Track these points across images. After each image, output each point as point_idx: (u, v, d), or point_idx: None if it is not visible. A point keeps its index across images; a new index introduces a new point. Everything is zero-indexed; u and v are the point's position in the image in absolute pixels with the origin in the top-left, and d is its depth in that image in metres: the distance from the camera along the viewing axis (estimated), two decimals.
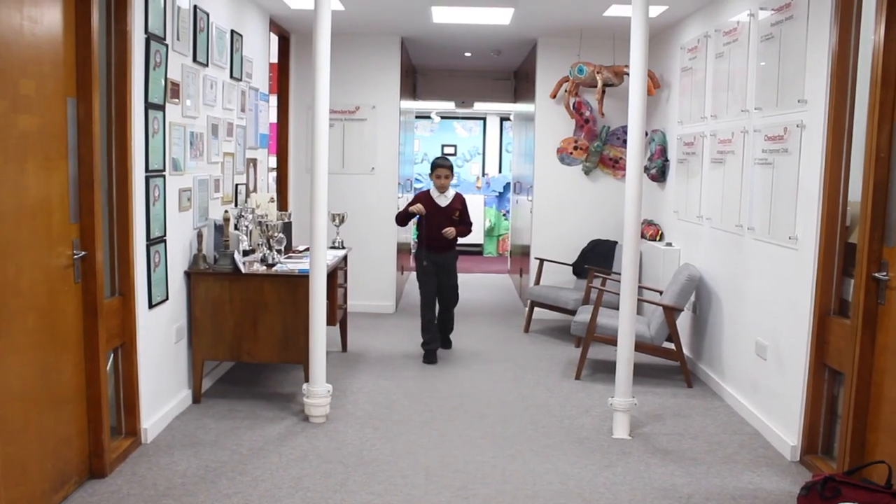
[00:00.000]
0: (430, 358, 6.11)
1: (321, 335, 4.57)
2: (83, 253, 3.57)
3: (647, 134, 7.10)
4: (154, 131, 4.23)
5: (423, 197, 6.16)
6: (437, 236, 6.04)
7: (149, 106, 4.16)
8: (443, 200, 6.13)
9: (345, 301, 6.35)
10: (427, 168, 13.61)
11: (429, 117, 14.31)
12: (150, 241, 4.26)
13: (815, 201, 4.13)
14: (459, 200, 6.22)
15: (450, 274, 6.27)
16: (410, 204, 6.11)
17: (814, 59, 4.19)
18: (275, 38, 7.24)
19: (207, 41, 5.04)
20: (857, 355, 3.66)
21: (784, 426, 4.40)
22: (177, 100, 4.56)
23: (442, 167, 6.12)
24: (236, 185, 5.83)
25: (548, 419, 4.78)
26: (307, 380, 4.67)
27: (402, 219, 6.23)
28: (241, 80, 5.81)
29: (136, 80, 4.01)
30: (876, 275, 3.59)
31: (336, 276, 5.85)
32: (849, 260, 4.00)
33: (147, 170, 4.17)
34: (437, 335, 6.20)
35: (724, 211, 5.42)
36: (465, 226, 6.18)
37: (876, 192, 3.58)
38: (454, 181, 6.44)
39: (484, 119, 15.00)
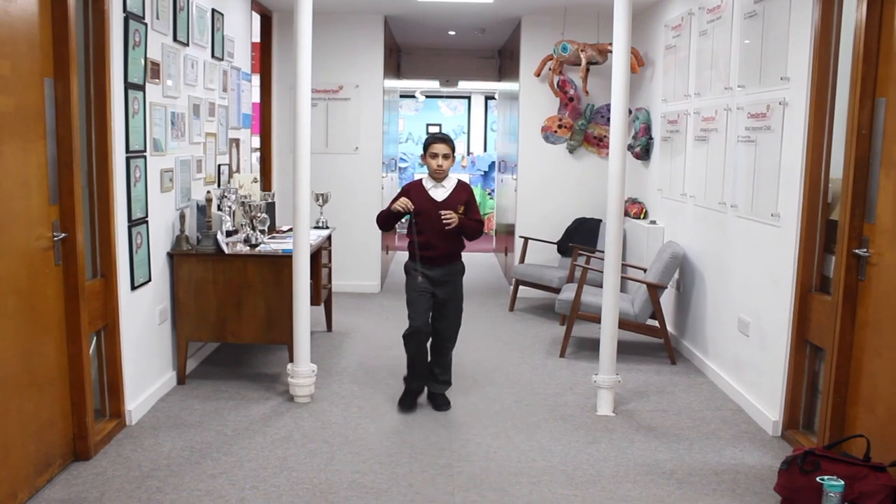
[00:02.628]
0: (406, 402, 4.57)
1: (305, 315, 4.57)
2: (63, 235, 3.55)
3: (631, 112, 7.10)
4: (134, 112, 4.19)
5: (414, 189, 4.54)
6: (434, 242, 4.45)
7: (128, 86, 4.12)
8: (440, 192, 4.49)
9: (329, 281, 6.34)
10: (413, 148, 13.31)
11: (413, 96, 14.26)
12: (132, 223, 4.23)
13: (797, 178, 4.15)
14: (465, 190, 4.57)
15: (452, 296, 4.56)
16: (395, 199, 4.51)
17: (796, 36, 4.19)
18: (257, 17, 7.18)
19: (188, 20, 4.98)
20: (837, 331, 3.69)
21: (766, 402, 4.44)
22: (157, 80, 4.52)
23: (439, 142, 4.50)
24: (219, 166, 5.79)
25: (532, 397, 4.80)
26: (291, 360, 4.68)
27: (385, 220, 4.55)
28: (222, 59, 5.76)
29: (115, 59, 3.97)
30: (857, 251, 3.61)
31: (320, 256, 5.84)
32: (830, 237, 4.02)
33: (127, 150, 4.13)
34: (423, 372, 4.62)
35: (708, 189, 5.43)
36: (474, 222, 4.52)
37: (857, 169, 3.59)
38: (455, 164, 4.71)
39: (469, 98, 14.96)
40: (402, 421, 4.32)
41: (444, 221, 4.36)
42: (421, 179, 4.60)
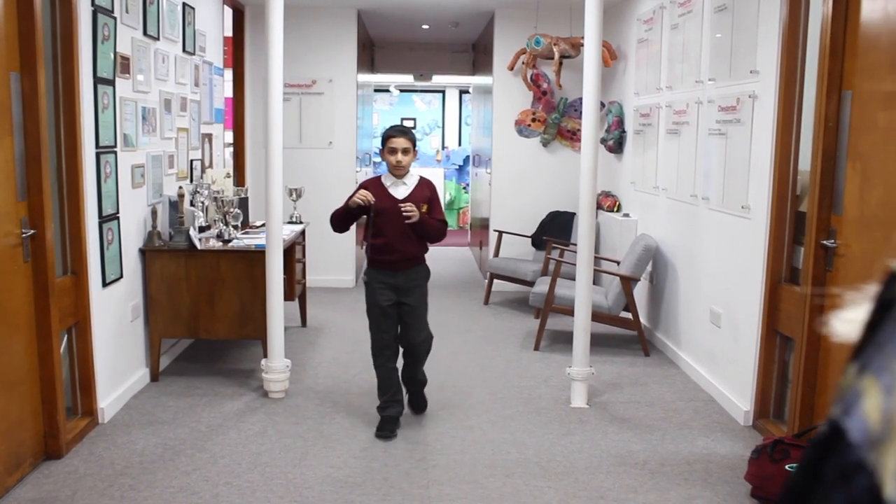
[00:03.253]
0: (386, 428, 4.06)
1: (279, 310, 4.55)
2: (32, 231, 3.51)
3: (604, 105, 7.13)
4: (104, 107, 4.16)
5: (372, 186, 4.09)
6: (396, 245, 3.99)
7: (98, 81, 4.08)
8: (401, 189, 4.06)
9: (303, 276, 6.33)
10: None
11: (388, 91, 14.23)
12: (103, 219, 4.20)
13: (766, 171, 4.19)
14: (427, 188, 4.13)
15: (416, 306, 4.12)
16: (352, 196, 4.04)
17: (765, 30, 4.23)
18: (229, 12, 7.13)
19: (158, 14, 4.94)
20: (806, 321, 3.73)
21: (737, 392, 4.49)
22: (127, 74, 4.48)
23: (397, 135, 4.04)
24: (191, 161, 5.76)
25: (507, 390, 4.82)
26: (266, 355, 4.66)
27: (340, 219, 4.11)
28: (194, 53, 5.72)
29: (84, 54, 3.93)
30: (824, 242, 3.66)
31: (294, 251, 5.82)
32: (799, 228, 4.07)
33: (97, 146, 4.10)
34: (399, 394, 4.18)
35: (680, 181, 5.48)
36: (437, 222, 4.10)
37: (825, 162, 3.64)
38: (417, 159, 4.27)
39: (443, 92, 14.95)
40: (376, 415, 4.32)
41: (405, 214, 3.89)
42: (379, 177, 4.16)
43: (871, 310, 0.36)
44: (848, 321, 0.38)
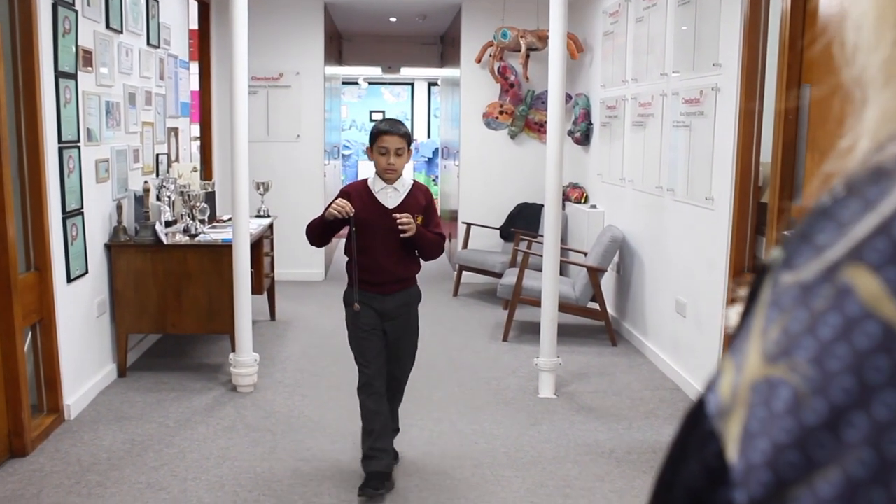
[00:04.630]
0: (370, 486, 3.30)
1: (246, 304, 4.55)
2: None
3: (571, 98, 7.18)
4: (66, 101, 4.11)
5: (357, 192, 3.41)
6: (383, 263, 3.35)
7: (59, 75, 4.04)
8: (391, 196, 3.37)
9: (272, 270, 6.31)
10: (357, 135, 13.11)
11: (356, 83, 14.19)
12: (67, 214, 4.16)
13: (729, 163, 4.25)
14: (423, 195, 3.47)
15: (406, 330, 3.49)
16: (330, 205, 3.34)
17: (727, 23, 4.28)
18: (194, 4, 7.07)
19: (121, 7, 4.89)
20: None
21: (703, 380, 4.55)
22: (90, 68, 4.43)
23: (390, 133, 3.33)
24: (157, 155, 5.71)
25: (475, 381, 4.85)
26: (234, 349, 4.65)
27: (317, 231, 3.47)
28: (158, 46, 5.67)
29: (44, 47, 3.89)
30: (786, 232, 3.72)
31: (262, 245, 5.81)
32: (761, 219, 4.13)
33: (60, 141, 4.06)
34: (388, 440, 3.45)
35: (646, 173, 5.53)
36: (435, 235, 3.44)
37: (785, 153, 3.70)
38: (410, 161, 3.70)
39: (412, 84, 14.94)
40: (345, 408, 4.33)
41: (400, 227, 3.24)
42: (366, 180, 3.47)
43: (746, 300, 0.40)
44: (737, 313, 0.42)
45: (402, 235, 3.27)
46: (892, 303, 0.32)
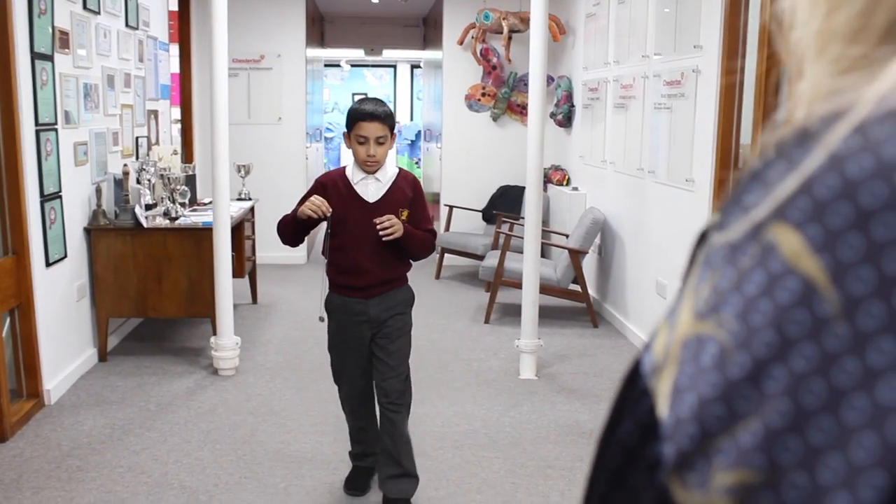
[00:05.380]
0: (354, 486, 3.25)
1: (227, 288, 4.53)
2: None
3: (553, 80, 7.17)
4: (43, 83, 4.07)
5: (333, 183, 3.01)
6: (364, 264, 2.96)
7: (35, 56, 3.99)
8: (372, 188, 3.00)
9: (253, 253, 6.29)
10: (339, 118, 12.97)
11: (339, 66, 14.12)
12: (45, 198, 4.12)
13: (709, 145, 4.27)
14: (409, 185, 3.09)
15: (393, 342, 3.07)
16: (304, 199, 2.99)
17: (708, 5, 4.29)
18: None
19: None
20: None
21: None
22: (67, 50, 4.39)
23: (370, 119, 2.91)
24: (137, 138, 5.67)
25: (456, 363, 4.87)
26: (215, 333, 4.64)
27: (289, 231, 3.08)
28: (137, 28, 5.61)
29: (19, 28, 3.84)
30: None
31: (243, 228, 5.79)
32: None
33: (37, 123, 4.02)
34: (373, 445, 3.20)
35: (627, 155, 5.54)
36: (424, 233, 3.06)
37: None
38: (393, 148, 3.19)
39: (395, 67, 14.88)
40: (326, 391, 4.32)
41: (382, 233, 2.86)
42: (343, 169, 3.07)
43: (687, 264, 0.42)
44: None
45: (384, 239, 2.88)
46: (812, 259, 0.33)
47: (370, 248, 2.95)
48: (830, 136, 0.34)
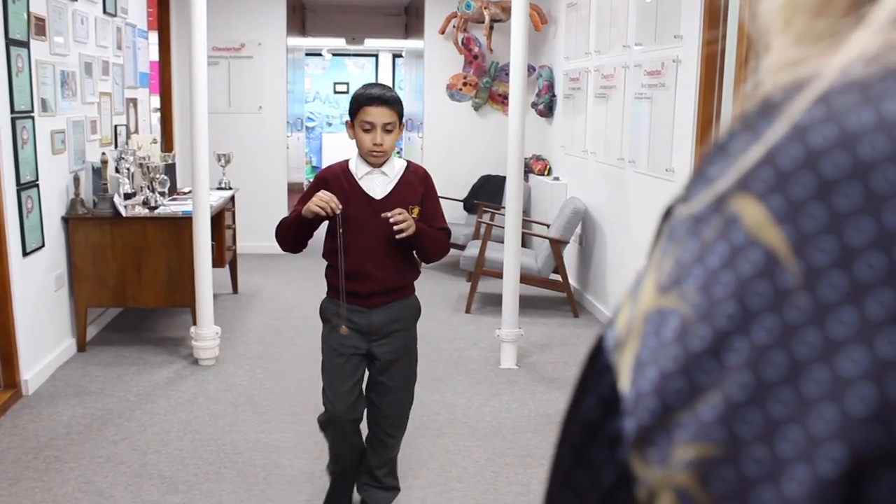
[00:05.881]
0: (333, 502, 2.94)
1: (207, 277, 4.51)
2: None
3: (534, 70, 7.17)
4: (18, 70, 4.02)
5: (336, 178, 2.73)
6: (369, 268, 2.68)
7: (10, 42, 3.94)
8: (379, 183, 2.72)
9: (234, 242, 6.26)
10: (321, 107, 12.95)
11: (320, 55, 14.04)
12: (21, 186, 4.08)
13: (689, 135, 4.28)
14: (419, 180, 2.78)
15: (401, 355, 2.82)
16: (305, 197, 2.70)
17: None
18: None
19: None
20: None
21: None
22: (43, 36, 4.34)
23: (377, 103, 2.65)
24: (115, 127, 5.63)
25: (437, 353, 4.87)
26: (195, 323, 4.62)
27: (291, 234, 2.79)
28: (115, 15, 5.56)
29: None
30: None
31: (223, 218, 5.76)
32: None
33: (13, 111, 3.97)
34: (356, 465, 2.92)
35: (608, 145, 5.56)
36: (438, 232, 2.76)
37: None
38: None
39: (376, 56, 14.81)
40: (307, 380, 4.32)
41: (396, 227, 2.57)
42: (346, 162, 2.77)
43: (652, 240, 0.41)
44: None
45: (398, 237, 2.59)
46: (774, 230, 0.33)
47: (376, 251, 2.67)
48: (794, 107, 0.34)
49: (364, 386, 2.86)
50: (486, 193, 7.45)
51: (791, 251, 0.32)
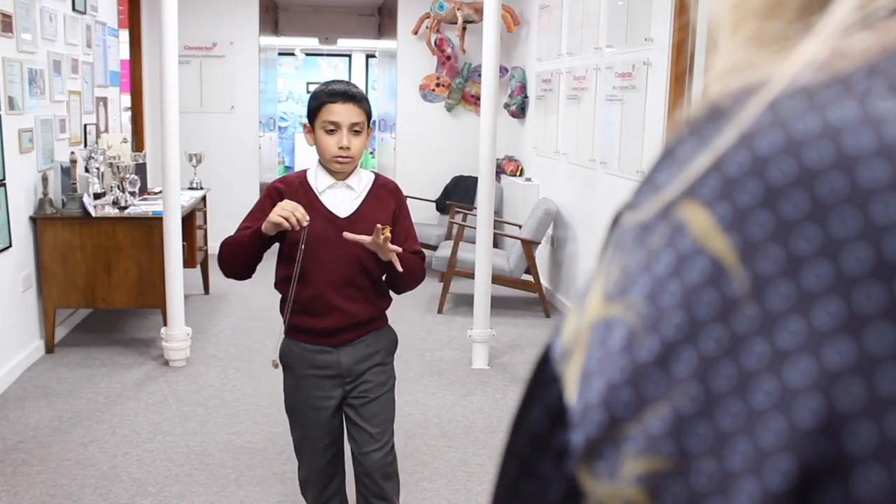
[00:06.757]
0: None
1: (178, 278, 4.48)
2: None
3: (506, 71, 7.19)
4: None
5: (293, 191, 2.31)
6: (332, 299, 2.27)
7: None
8: (344, 198, 2.33)
9: (205, 243, 6.22)
10: (294, 107, 12.90)
11: (293, 54, 13.98)
12: None
13: (659, 136, 4.32)
14: (390, 195, 2.43)
15: (374, 399, 2.38)
16: (256, 212, 2.36)
17: None
18: None
19: None
20: None
21: None
22: (10, 33, 4.29)
23: (343, 99, 2.25)
24: (85, 126, 5.57)
25: (409, 353, 4.87)
26: (165, 324, 4.59)
27: (239, 254, 2.32)
28: (85, 13, 5.50)
29: None
30: None
31: (194, 218, 5.72)
32: None
33: None
34: None
35: (579, 146, 5.59)
36: (411, 256, 2.35)
37: None
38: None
39: (349, 56, 14.78)
40: (278, 381, 4.30)
41: (387, 249, 2.20)
42: (304, 173, 2.38)
43: (601, 247, 0.41)
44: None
45: (398, 270, 2.22)
46: (721, 238, 0.32)
47: (340, 279, 2.26)
48: (742, 114, 0.33)
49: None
50: (459, 194, 7.46)
51: (738, 259, 0.32)
